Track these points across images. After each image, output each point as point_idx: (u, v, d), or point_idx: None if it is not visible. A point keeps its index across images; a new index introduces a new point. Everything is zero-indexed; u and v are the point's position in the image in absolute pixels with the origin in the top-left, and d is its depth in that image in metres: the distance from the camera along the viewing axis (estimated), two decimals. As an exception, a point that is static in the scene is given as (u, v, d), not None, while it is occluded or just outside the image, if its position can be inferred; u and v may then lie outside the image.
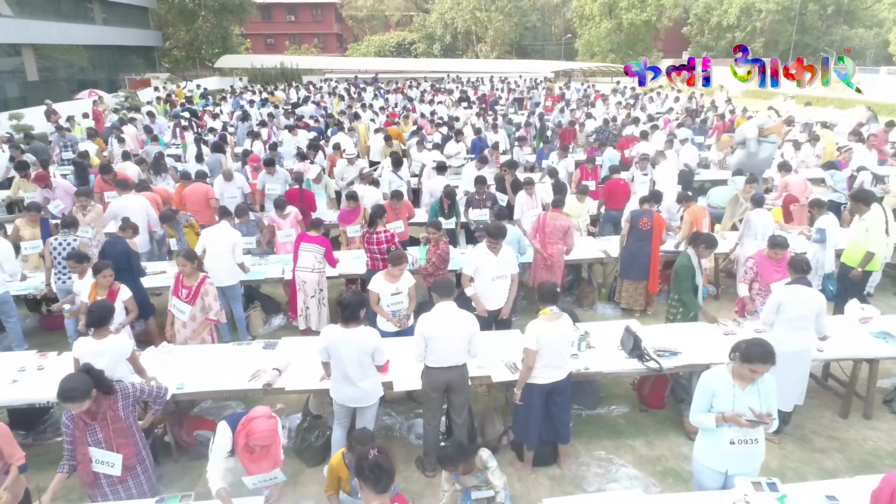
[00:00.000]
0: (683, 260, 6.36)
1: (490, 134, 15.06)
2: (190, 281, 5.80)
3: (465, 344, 4.91)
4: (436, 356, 4.87)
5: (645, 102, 23.44)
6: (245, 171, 10.92)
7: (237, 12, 44.38)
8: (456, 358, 4.90)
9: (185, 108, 20.00)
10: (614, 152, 12.52)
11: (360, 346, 4.60)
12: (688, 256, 6.33)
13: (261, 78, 36.16)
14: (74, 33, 34.04)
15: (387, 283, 5.97)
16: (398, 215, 8.51)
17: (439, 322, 4.82)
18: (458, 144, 13.33)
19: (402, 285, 6.00)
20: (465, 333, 4.87)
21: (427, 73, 39.80)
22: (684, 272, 6.31)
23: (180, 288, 5.81)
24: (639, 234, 7.91)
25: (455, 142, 13.38)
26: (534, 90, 26.99)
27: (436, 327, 4.80)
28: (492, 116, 18.82)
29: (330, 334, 4.64)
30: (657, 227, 7.91)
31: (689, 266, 6.30)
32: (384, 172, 10.60)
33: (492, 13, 53.13)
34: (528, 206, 8.79)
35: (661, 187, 10.15)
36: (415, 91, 27.41)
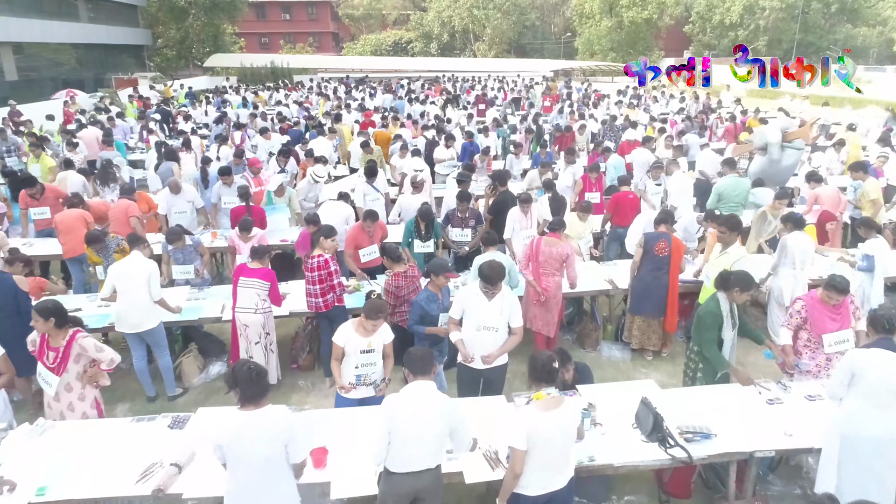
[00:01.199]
0: (711, 306, 4.96)
1: (481, 138, 13.65)
2: (56, 341, 4.40)
3: (442, 440, 3.59)
4: (400, 458, 3.52)
5: (649, 103, 21.99)
6: (247, 176, 9.57)
7: (228, 10, 42.93)
8: (428, 459, 3.57)
9: (158, 108, 18.52)
10: (619, 159, 11.14)
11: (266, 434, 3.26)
12: (716, 302, 4.94)
13: (250, 77, 34.70)
14: (57, 31, 32.61)
15: (356, 337, 4.60)
16: (371, 238, 7.12)
17: (409, 412, 3.48)
18: (448, 150, 11.91)
19: (377, 341, 4.64)
20: (444, 427, 3.55)
21: (423, 73, 38.34)
22: (710, 320, 4.92)
23: (45, 350, 4.41)
24: (654, 262, 6.52)
25: (444, 147, 11.96)
26: (531, 90, 25.53)
27: (404, 419, 3.46)
28: (485, 118, 17.47)
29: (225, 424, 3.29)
30: (676, 253, 6.52)
31: (717, 314, 4.91)
32: (357, 184, 9.20)
33: (490, 11, 51.58)
34: (522, 225, 7.40)
35: (674, 201, 8.76)
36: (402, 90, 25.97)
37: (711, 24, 51.55)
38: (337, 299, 5.94)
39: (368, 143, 11.74)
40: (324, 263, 5.79)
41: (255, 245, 6.84)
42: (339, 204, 8.07)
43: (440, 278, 5.25)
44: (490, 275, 4.72)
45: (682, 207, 8.47)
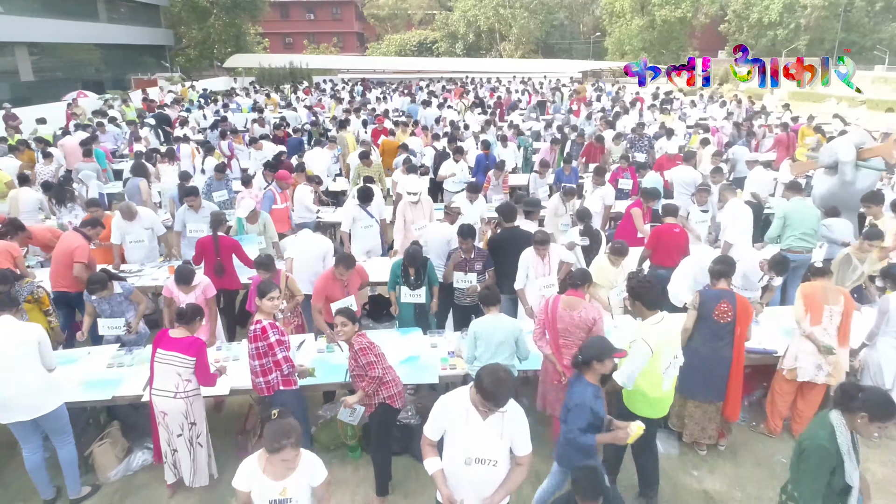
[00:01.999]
0: (820, 437, 3.24)
1: (499, 149, 12.05)
2: None
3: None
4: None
5: (686, 108, 20.04)
6: (272, 191, 8.26)
7: (250, 10, 41.96)
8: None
9: (156, 112, 17.24)
10: (655, 176, 9.45)
11: None
12: (829, 428, 3.26)
13: (268, 78, 33.54)
14: (74, 31, 31.84)
15: (264, 479, 3.08)
16: (347, 288, 5.61)
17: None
18: (458, 164, 10.35)
19: (296, 487, 3.10)
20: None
21: (447, 73, 36.76)
22: (818, 460, 3.23)
23: None
24: (713, 330, 4.88)
25: (454, 161, 10.39)
26: (557, 92, 23.70)
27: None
28: (505, 125, 15.83)
29: None
30: (742, 319, 4.86)
31: (830, 451, 3.22)
32: (347, 206, 7.69)
33: (516, 10, 49.76)
34: (538, 271, 5.81)
35: (729, 236, 7.06)
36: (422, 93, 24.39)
37: (749, 23, 48.94)
38: (283, 381, 4.44)
39: (368, 153, 10.21)
40: (261, 333, 4.30)
41: (201, 298, 5.42)
42: (314, 236, 6.58)
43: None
44: (492, 391, 3.08)
45: (740, 245, 6.78)
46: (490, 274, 6.06)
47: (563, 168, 10.15)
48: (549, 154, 11.84)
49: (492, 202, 9.86)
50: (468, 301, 6.05)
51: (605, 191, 8.49)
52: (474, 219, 7.66)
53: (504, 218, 6.35)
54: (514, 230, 6.31)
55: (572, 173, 10.14)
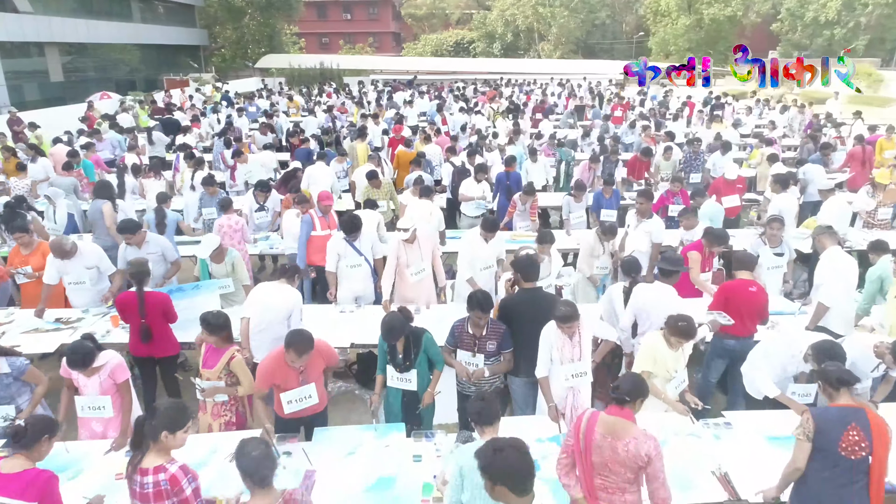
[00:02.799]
0: None
1: (528, 165, 10.45)
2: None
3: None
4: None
5: (740, 116, 17.95)
6: (312, 215, 7.02)
7: (284, 9, 41.09)
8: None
9: (164, 117, 16.10)
10: (716, 207, 7.72)
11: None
12: None
13: (298, 79, 32.52)
14: (106, 31, 31.37)
15: None
16: (305, 376, 4.12)
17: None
18: (480, 185, 8.78)
19: None
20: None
21: (482, 74, 35.12)
22: None
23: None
24: (839, 470, 3.23)
25: (475, 181, 8.83)
26: (598, 96, 21.85)
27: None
28: (536, 132, 14.21)
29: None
30: (880, 446, 3.20)
31: None
32: (332, 242, 6.21)
33: (556, 9, 47.64)
34: (565, 354, 4.20)
35: (827, 297, 5.32)
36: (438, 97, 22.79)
37: (803, 22, 45.82)
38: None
39: (376, 173, 8.71)
40: (170, 487, 2.86)
41: (108, 384, 4.03)
42: (278, 288, 5.10)
43: None
44: None
45: (837, 312, 5.06)
46: (507, 357, 4.52)
47: (603, 191, 8.49)
48: (587, 172, 10.16)
49: (516, 229, 8.31)
50: (472, 389, 4.50)
51: (652, 225, 6.78)
52: (490, 261, 6.11)
53: (522, 275, 4.75)
54: (534, 294, 4.71)
55: (613, 197, 8.47)
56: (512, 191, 8.97)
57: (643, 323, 4.96)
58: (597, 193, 8.58)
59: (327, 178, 9.38)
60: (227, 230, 7.31)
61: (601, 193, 8.48)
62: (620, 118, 18.76)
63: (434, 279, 6.23)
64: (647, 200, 6.82)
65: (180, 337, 5.28)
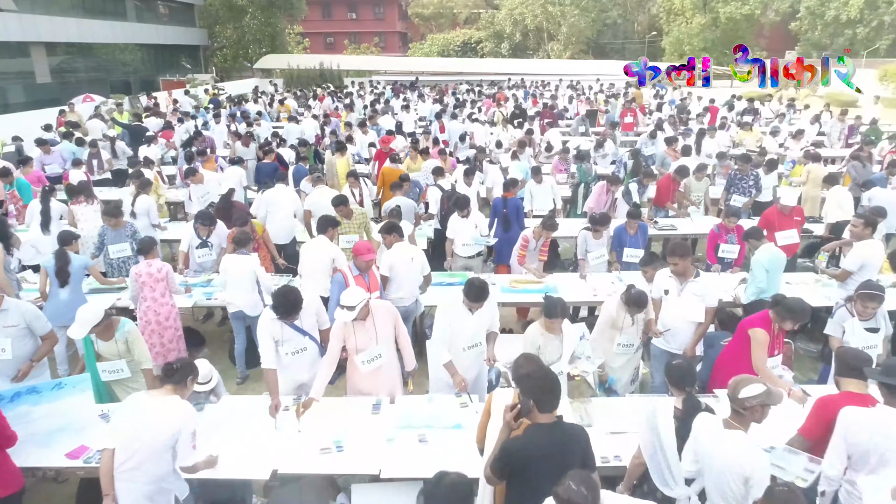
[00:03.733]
0: None
1: (531, 186, 8.72)
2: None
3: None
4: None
5: (777, 123, 15.98)
6: (342, 274, 5.37)
7: (286, 8, 39.51)
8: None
9: (134, 124, 14.37)
10: (775, 255, 5.96)
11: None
12: None
13: (296, 81, 30.90)
14: (98, 31, 29.89)
15: None
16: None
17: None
18: (466, 221, 7.00)
19: None
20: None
21: (489, 75, 33.33)
22: None
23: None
24: None
25: (459, 217, 6.97)
26: (610, 100, 20.01)
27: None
28: (543, 145, 12.48)
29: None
30: None
31: None
32: (264, 324, 4.49)
33: (566, 7, 45.69)
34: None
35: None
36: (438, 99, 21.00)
37: (824, 21, 43.66)
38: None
39: (345, 201, 6.99)
40: None
41: None
42: (163, 401, 3.44)
43: None
44: None
45: None
46: None
47: (627, 225, 6.76)
48: (604, 196, 8.42)
49: (521, 272, 6.62)
50: None
51: (702, 286, 4.96)
52: (477, 338, 4.44)
53: (538, 401, 2.98)
54: (554, 433, 2.98)
55: (640, 234, 6.75)
56: (510, 222, 7.26)
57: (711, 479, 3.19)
58: (618, 229, 6.85)
59: (289, 203, 7.69)
60: (147, 280, 5.68)
61: (624, 229, 6.76)
62: (631, 124, 16.96)
63: (400, 359, 4.56)
64: (683, 259, 4.95)
65: (32, 459, 3.67)
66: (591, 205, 8.65)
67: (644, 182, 8.69)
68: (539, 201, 8.78)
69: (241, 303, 5.80)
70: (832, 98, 28.22)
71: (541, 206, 8.77)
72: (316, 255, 5.96)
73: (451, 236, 6.89)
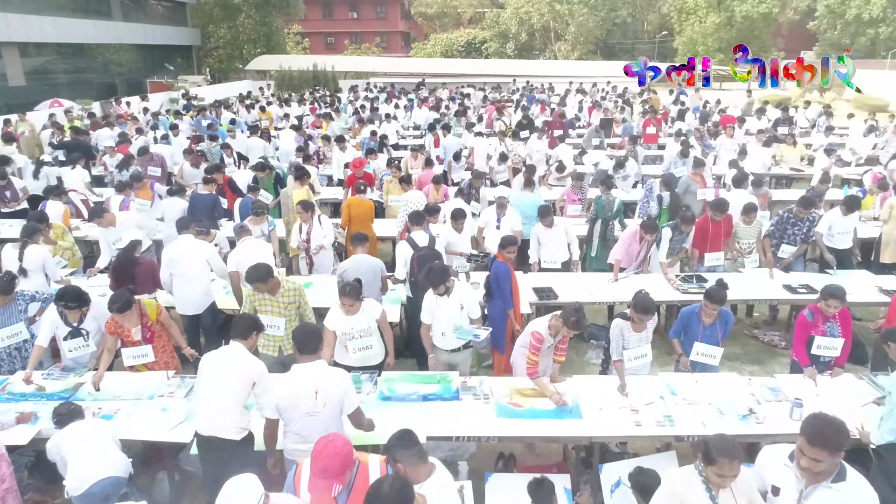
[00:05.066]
0: None
1: (538, 231, 6.60)
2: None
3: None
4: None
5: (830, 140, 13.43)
6: None
7: (282, 7, 37.44)
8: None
9: (74, 140, 12.07)
10: None
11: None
12: None
13: (288, 83, 28.78)
14: (79, 31, 27.83)
15: None
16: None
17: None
18: (447, 302, 4.72)
19: None
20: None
21: (492, 77, 31.05)
22: None
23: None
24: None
25: (434, 296, 4.71)
26: (626, 107, 17.72)
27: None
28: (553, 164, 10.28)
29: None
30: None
31: None
32: None
33: (574, 6, 43.32)
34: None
35: None
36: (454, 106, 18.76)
37: (844, 20, 41.23)
38: None
39: (266, 276, 4.82)
40: None
41: None
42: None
43: None
44: None
45: None
46: None
47: (701, 311, 4.59)
48: (635, 245, 6.29)
49: (520, 373, 4.51)
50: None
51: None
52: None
53: None
54: None
55: (718, 325, 4.59)
56: (506, 297, 5.15)
57: None
58: (686, 313, 4.70)
59: (197, 261, 5.52)
60: None
61: (696, 315, 4.61)
62: (655, 136, 14.75)
63: None
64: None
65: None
66: (617, 256, 6.53)
67: (682, 229, 6.56)
68: (549, 250, 6.67)
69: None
70: (860, 102, 25.90)
71: (551, 257, 6.67)
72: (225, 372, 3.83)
73: (427, 321, 4.78)
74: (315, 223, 6.64)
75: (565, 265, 6.64)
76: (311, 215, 6.63)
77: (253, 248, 5.63)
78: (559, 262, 6.58)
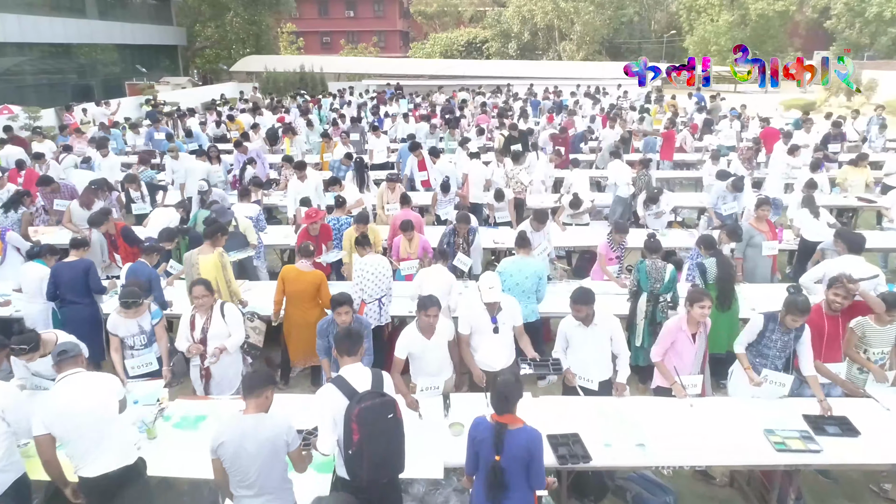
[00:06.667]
0: None
1: (570, 331, 4.25)
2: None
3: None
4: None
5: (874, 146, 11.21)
6: None
7: (272, 5, 35.11)
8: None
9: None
10: None
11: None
12: None
13: (272, 85, 26.40)
14: (45, 29, 25.48)
15: None
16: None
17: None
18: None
19: None
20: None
21: (493, 79, 28.60)
22: None
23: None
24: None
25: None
26: (644, 117, 15.16)
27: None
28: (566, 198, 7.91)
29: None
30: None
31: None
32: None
33: (580, 4, 40.80)
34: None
35: None
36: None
37: (864, 19, 38.75)
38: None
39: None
40: None
41: None
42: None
43: None
44: None
45: None
46: None
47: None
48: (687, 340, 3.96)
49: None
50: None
51: None
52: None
53: None
54: None
55: None
56: None
57: None
58: None
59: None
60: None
61: None
62: (672, 152, 12.25)
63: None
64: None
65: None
66: (657, 356, 4.19)
67: (788, 324, 4.19)
68: (581, 359, 4.33)
69: None
70: (892, 106, 23.55)
71: (584, 371, 4.33)
72: None
73: None
74: (216, 314, 4.31)
75: (604, 386, 4.27)
76: (210, 300, 4.30)
77: (78, 391, 3.28)
78: (596, 381, 4.22)
